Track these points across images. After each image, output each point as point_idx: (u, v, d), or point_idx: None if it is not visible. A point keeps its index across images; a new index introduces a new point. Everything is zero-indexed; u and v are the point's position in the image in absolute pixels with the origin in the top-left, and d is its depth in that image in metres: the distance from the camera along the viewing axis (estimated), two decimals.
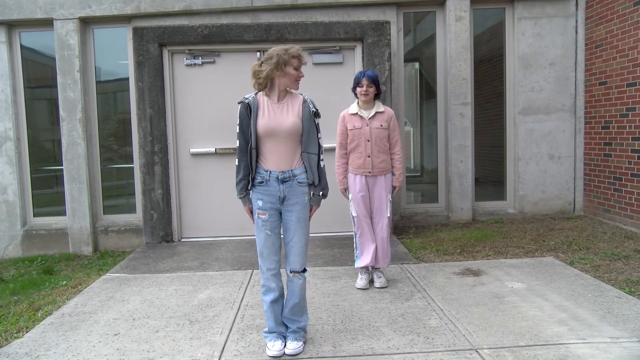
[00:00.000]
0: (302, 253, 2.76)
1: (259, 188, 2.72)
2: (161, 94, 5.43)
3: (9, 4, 5.71)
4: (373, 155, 3.68)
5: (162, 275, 4.27)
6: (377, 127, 3.68)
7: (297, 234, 2.74)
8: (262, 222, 2.73)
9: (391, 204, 3.78)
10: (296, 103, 2.74)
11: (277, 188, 2.69)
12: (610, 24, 5.63)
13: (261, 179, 2.70)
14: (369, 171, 3.70)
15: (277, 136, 2.67)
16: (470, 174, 6.08)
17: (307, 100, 2.76)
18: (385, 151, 3.72)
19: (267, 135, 2.67)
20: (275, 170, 2.69)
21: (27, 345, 2.97)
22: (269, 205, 2.71)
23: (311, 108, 2.73)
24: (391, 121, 3.75)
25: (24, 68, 6.00)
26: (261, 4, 5.78)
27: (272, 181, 2.69)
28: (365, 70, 3.77)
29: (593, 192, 6.08)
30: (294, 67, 2.67)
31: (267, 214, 2.71)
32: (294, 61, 2.66)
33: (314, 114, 2.72)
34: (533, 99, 6.11)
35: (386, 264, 3.83)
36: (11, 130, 5.88)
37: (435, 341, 2.82)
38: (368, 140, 3.67)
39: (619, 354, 2.60)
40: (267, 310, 2.80)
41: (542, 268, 4.13)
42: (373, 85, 3.67)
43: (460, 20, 5.94)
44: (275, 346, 2.72)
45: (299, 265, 2.76)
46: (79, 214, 5.83)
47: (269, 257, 2.73)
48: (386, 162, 3.73)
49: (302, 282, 2.79)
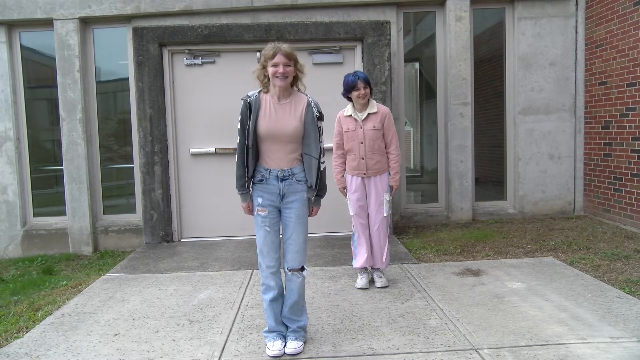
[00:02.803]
0: (301, 251, 2.76)
1: (259, 186, 2.73)
2: (161, 94, 5.43)
3: (9, 4, 5.71)
4: (367, 157, 3.67)
5: (162, 275, 4.27)
6: (370, 128, 3.65)
7: (296, 231, 2.74)
8: (261, 219, 2.74)
9: (390, 203, 3.77)
10: (300, 105, 2.71)
11: (277, 186, 2.70)
12: (610, 24, 5.63)
13: (261, 177, 2.71)
14: (363, 173, 3.70)
15: (278, 139, 2.66)
16: (470, 174, 6.08)
17: (312, 103, 2.72)
18: (380, 152, 3.70)
19: (268, 137, 2.66)
20: (275, 169, 2.70)
21: (27, 345, 2.97)
22: (268, 202, 2.72)
23: (315, 112, 2.70)
24: (385, 120, 3.70)
25: (24, 68, 6.00)
26: (261, 4, 5.78)
27: (272, 179, 2.70)
28: (356, 73, 3.67)
29: (593, 192, 6.08)
30: (271, 64, 2.62)
31: (266, 210, 2.72)
32: (268, 61, 2.63)
33: (317, 117, 2.70)
34: (533, 99, 6.11)
35: (384, 264, 3.81)
36: (11, 130, 5.88)
37: (435, 341, 2.82)
38: (361, 143, 3.66)
39: (619, 354, 2.60)
40: (266, 309, 2.80)
41: (542, 268, 4.13)
42: (368, 86, 3.63)
43: (460, 20, 5.94)
44: (275, 346, 2.72)
45: (297, 263, 2.76)
46: (79, 214, 5.83)
47: (269, 254, 2.73)
48: (381, 163, 3.72)
49: (300, 280, 2.79)
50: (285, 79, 2.64)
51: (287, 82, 2.66)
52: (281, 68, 2.61)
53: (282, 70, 2.61)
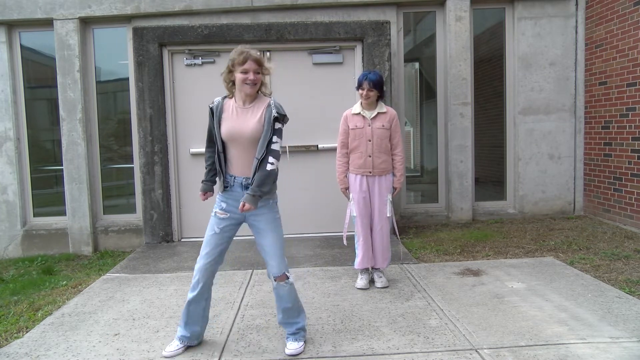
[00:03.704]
0: (280, 256, 2.70)
1: (224, 192, 2.72)
2: (161, 94, 5.43)
3: (9, 4, 5.71)
4: (374, 156, 3.67)
5: (162, 275, 4.27)
6: (378, 127, 3.67)
7: (270, 236, 2.69)
8: (216, 220, 2.72)
9: (392, 204, 3.78)
10: (261, 107, 2.65)
11: (241, 193, 2.66)
12: (610, 24, 5.63)
13: (226, 183, 2.70)
14: (369, 171, 3.69)
15: (239, 142, 2.63)
16: (470, 174, 6.08)
17: (272, 104, 2.63)
18: (386, 152, 3.72)
19: (230, 141, 2.64)
20: (239, 176, 2.68)
21: (27, 345, 2.97)
22: (233, 209, 2.70)
23: (273, 113, 2.59)
24: (393, 122, 3.73)
25: (24, 68, 6.00)
26: (261, 4, 5.78)
27: (237, 186, 2.68)
28: (368, 72, 3.66)
29: (593, 192, 6.08)
30: (240, 70, 2.59)
31: (228, 215, 2.70)
32: (237, 66, 2.60)
33: (274, 118, 2.60)
34: (533, 99, 6.11)
35: (385, 264, 3.82)
36: (11, 130, 5.88)
37: (435, 341, 2.82)
38: (369, 140, 3.66)
39: (619, 354, 2.60)
40: (184, 310, 2.76)
41: (542, 268, 4.13)
42: (374, 89, 3.61)
43: (460, 20, 5.94)
44: (170, 347, 2.76)
45: (279, 270, 2.68)
46: (79, 214, 5.83)
47: (204, 249, 2.71)
48: (387, 163, 3.73)
49: (288, 288, 2.73)
50: (254, 85, 2.62)
51: (255, 89, 2.65)
52: (251, 75, 2.60)
53: (252, 77, 2.60)
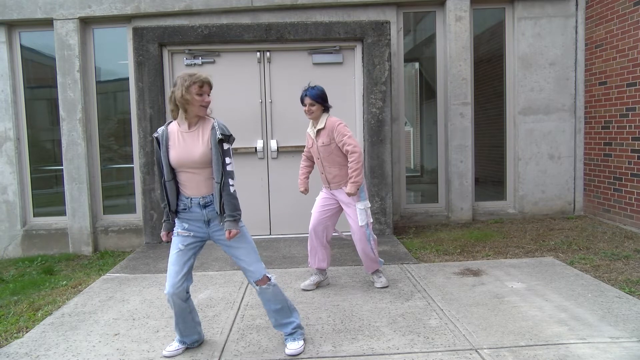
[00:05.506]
0: (256, 261, 2.69)
1: (183, 214, 2.69)
2: (161, 94, 5.43)
3: (9, 4, 5.71)
4: (326, 172, 3.66)
5: (162, 275, 4.27)
6: (321, 145, 3.59)
7: (242, 247, 2.67)
8: (180, 239, 2.69)
9: (365, 212, 3.61)
10: (207, 130, 2.63)
11: (200, 212, 2.66)
12: (610, 24, 5.63)
13: (184, 205, 2.67)
14: (327, 186, 3.72)
15: (189, 167, 2.61)
16: (470, 174, 6.09)
17: (216, 126, 2.61)
18: (337, 164, 3.60)
19: (179, 166, 2.62)
20: (196, 197, 2.65)
21: (27, 345, 2.97)
22: (195, 228, 2.69)
23: (218, 135, 2.57)
24: (334, 134, 3.51)
25: (24, 68, 6.01)
26: (261, 4, 5.79)
27: (195, 207, 2.66)
28: (308, 88, 3.54)
29: (593, 192, 6.08)
30: (196, 92, 2.57)
31: (191, 233, 2.69)
32: (194, 87, 2.56)
33: (219, 140, 2.57)
34: (533, 99, 6.11)
35: (369, 271, 3.80)
36: (11, 130, 5.88)
37: (435, 341, 2.82)
38: (318, 158, 3.67)
39: (619, 354, 2.60)
40: (174, 326, 2.78)
41: (542, 268, 4.13)
42: (316, 103, 3.51)
43: (460, 20, 5.94)
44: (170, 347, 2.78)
45: (257, 274, 2.67)
46: (79, 214, 5.83)
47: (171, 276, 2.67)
48: (340, 177, 3.62)
49: (272, 290, 2.72)
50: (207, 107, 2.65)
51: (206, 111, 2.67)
52: (207, 97, 2.63)
53: (208, 99, 2.63)
